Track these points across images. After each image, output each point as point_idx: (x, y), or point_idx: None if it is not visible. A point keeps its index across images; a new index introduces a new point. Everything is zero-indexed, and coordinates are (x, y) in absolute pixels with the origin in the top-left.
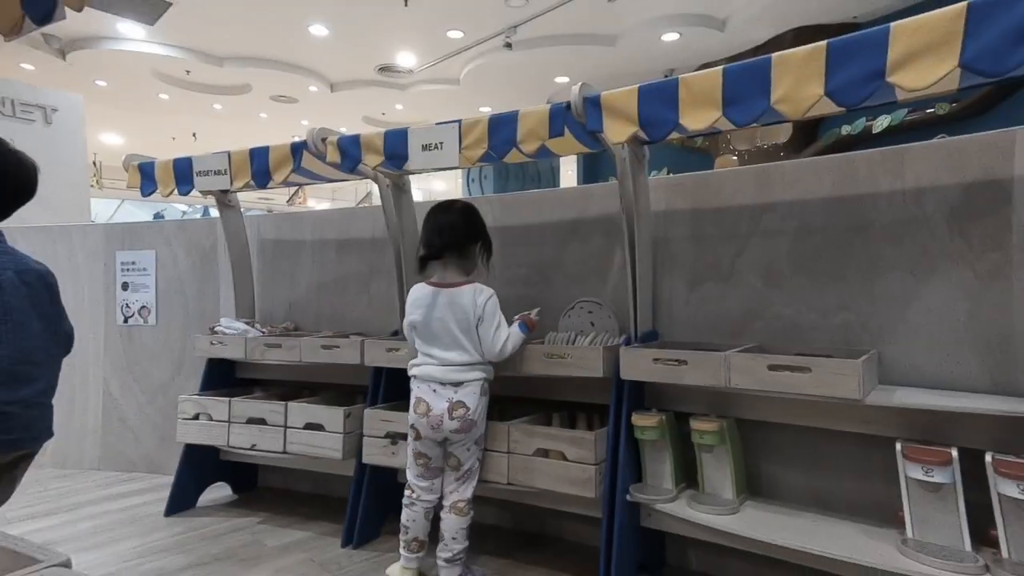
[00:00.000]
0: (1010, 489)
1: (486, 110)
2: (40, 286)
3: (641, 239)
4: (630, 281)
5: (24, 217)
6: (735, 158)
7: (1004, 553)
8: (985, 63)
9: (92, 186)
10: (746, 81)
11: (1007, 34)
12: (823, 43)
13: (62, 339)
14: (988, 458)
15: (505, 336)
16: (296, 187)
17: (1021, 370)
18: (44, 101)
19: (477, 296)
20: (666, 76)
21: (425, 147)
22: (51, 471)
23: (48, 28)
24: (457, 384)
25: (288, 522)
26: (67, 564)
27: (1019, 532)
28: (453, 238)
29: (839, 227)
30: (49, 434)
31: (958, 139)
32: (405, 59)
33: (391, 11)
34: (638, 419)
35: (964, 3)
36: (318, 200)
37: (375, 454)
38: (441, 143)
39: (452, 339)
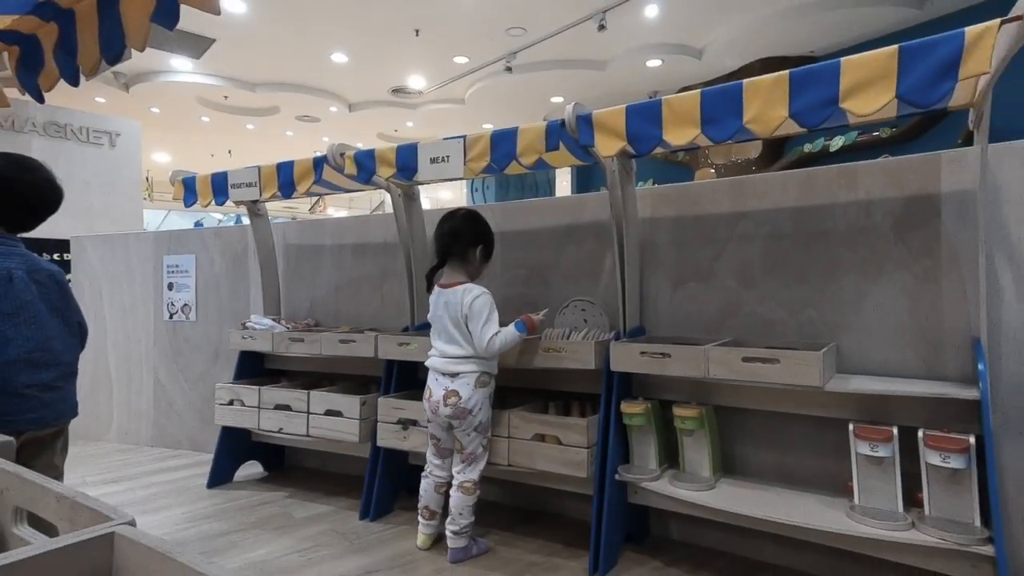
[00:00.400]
0: (935, 459)
1: (488, 127)
2: (51, 284)
3: (629, 243)
4: (619, 281)
5: (96, 227)
6: (713, 171)
7: (927, 511)
8: (915, 96)
9: (144, 199)
10: (721, 103)
11: (930, 73)
12: (786, 72)
13: (75, 330)
14: (920, 433)
15: (492, 333)
16: (317, 197)
17: (947, 358)
18: (110, 128)
19: (465, 296)
20: (651, 97)
21: (433, 160)
22: (116, 446)
23: (117, 67)
24: (453, 375)
25: (312, 497)
26: (132, 523)
27: (939, 494)
28: (452, 243)
29: (803, 234)
30: (73, 413)
31: (898, 159)
32: (416, 82)
33: (404, 40)
34: (626, 407)
35: (896, 46)
36: (336, 208)
37: (388, 438)
38: (448, 156)
39: (448, 334)
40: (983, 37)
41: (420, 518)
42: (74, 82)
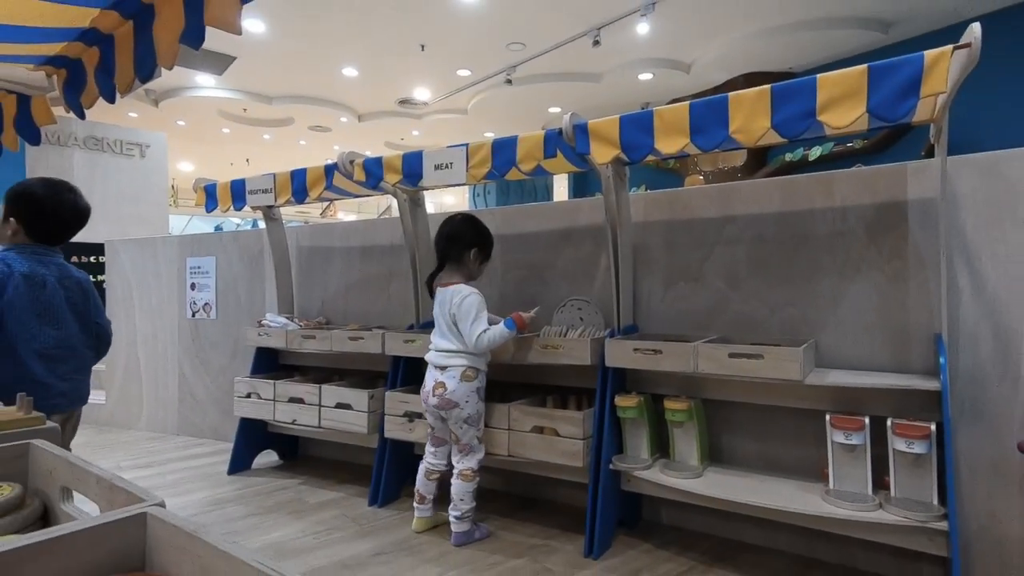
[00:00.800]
0: (901, 445)
1: (490, 135)
2: (77, 289)
3: (623, 246)
4: (614, 282)
5: (127, 232)
6: (701, 178)
7: (892, 493)
8: (883, 111)
9: (170, 205)
10: (709, 114)
11: (896, 91)
12: (768, 86)
13: (92, 329)
14: (888, 422)
15: (480, 331)
16: (328, 202)
17: (914, 352)
18: (140, 140)
19: (454, 296)
20: (643, 108)
21: (437, 167)
22: (146, 434)
23: (148, 84)
24: (443, 367)
25: (324, 484)
26: (162, 505)
27: (904, 476)
28: (449, 247)
29: (785, 237)
30: (83, 402)
31: (870, 169)
32: (421, 93)
33: (410, 55)
34: (620, 400)
35: (866, 65)
36: (346, 213)
37: (394, 429)
38: (451, 163)
39: (441, 330)
40: (939, 60)
41: (414, 502)
42: (111, 99)
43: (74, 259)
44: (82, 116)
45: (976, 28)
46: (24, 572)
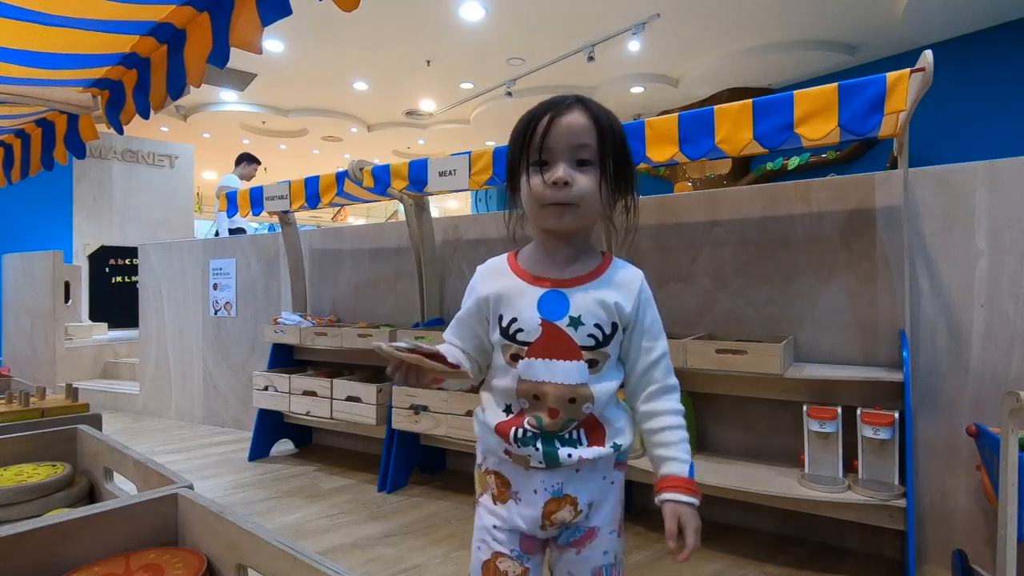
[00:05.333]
0: (868, 432)
1: (491, 144)
2: None
3: (617, 248)
4: None
5: (158, 236)
6: (690, 184)
7: (860, 475)
8: (853, 125)
9: (195, 211)
10: (696, 125)
11: (864, 107)
12: (750, 101)
13: None
14: (858, 411)
15: None
16: (339, 207)
17: (881, 347)
18: (170, 152)
19: None
20: (634, 119)
21: (442, 173)
22: (175, 422)
23: (178, 101)
24: None
25: (336, 471)
26: (191, 487)
27: (870, 460)
28: None
29: (767, 240)
30: None
31: (842, 178)
32: (427, 105)
33: (417, 69)
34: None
35: (836, 83)
36: (356, 217)
37: (401, 421)
38: (455, 170)
39: None
40: (899, 81)
41: None
42: (145, 115)
43: (112, 261)
44: (120, 131)
45: (928, 55)
46: (73, 542)
